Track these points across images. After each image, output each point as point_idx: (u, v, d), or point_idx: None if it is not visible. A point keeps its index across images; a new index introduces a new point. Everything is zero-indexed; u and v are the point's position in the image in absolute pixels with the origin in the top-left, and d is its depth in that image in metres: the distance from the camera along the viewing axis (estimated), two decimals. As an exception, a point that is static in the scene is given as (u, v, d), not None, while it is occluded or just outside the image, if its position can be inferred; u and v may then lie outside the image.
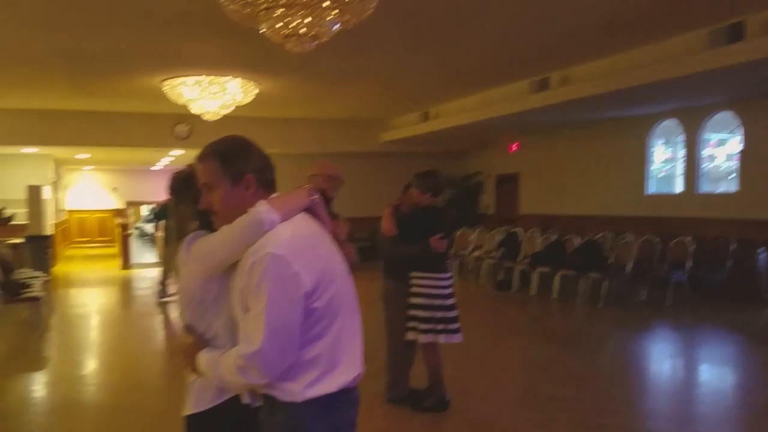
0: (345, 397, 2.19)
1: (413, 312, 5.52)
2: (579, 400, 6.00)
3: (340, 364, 2.16)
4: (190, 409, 2.39)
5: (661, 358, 8.17)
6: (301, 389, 2.12)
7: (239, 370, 2.08)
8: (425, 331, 5.48)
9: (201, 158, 2.29)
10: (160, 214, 12.08)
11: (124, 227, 17.63)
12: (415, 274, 5.54)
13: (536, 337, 8.90)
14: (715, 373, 7.39)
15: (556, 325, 10.16)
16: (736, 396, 6.50)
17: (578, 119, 13.43)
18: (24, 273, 10.35)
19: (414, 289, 5.54)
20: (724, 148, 12.20)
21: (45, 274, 11.58)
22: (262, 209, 2.14)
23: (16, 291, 9.01)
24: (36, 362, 7.83)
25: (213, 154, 2.27)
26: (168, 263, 11.52)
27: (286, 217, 2.16)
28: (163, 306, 11.21)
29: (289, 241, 2.10)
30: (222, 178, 2.23)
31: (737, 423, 5.70)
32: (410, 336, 5.53)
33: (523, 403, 5.96)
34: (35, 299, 9.22)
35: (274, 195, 2.27)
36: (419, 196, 5.59)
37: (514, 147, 16.38)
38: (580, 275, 11.09)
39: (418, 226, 5.50)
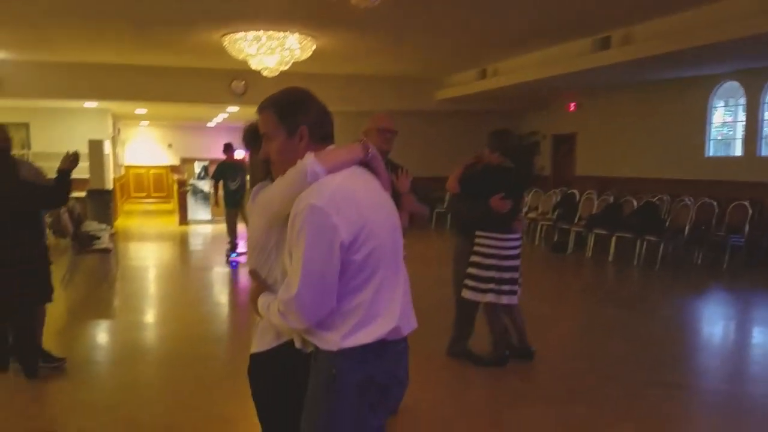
0: (383, 350, 2.21)
1: (470, 270, 5.60)
2: (639, 359, 6.09)
3: (379, 317, 2.19)
4: (254, 348, 2.55)
5: (716, 320, 8.14)
6: (338, 338, 2.17)
7: (281, 314, 2.19)
8: (474, 289, 5.58)
9: (260, 109, 2.36)
10: (217, 174, 11.84)
11: (181, 183, 17.90)
12: (478, 232, 5.60)
13: (594, 299, 8.91)
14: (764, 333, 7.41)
15: (613, 287, 10.16)
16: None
17: (638, 79, 13.21)
18: (91, 226, 10.66)
19: (475, 248, 5.60)
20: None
21: (110, 228, 11.92)
22: (308, 162, 2.19)
23: (86, 243, 9.28)
24: (107, 311, 8.19)
25: (271, 105, 2.33)
26: (230, 225, 11.72)
27: (332, 170, 2.20)
28: (230, 264, 11.43)
29: (331, 194, 2.13)
30: (278, 129, 2.30)
31: None
32: (464, 293, 5.62)
33: (584, 361, 6.05)
34: (106, 251, 9.49)
35: (329, 148, 2.31)
36: (489, 154, 5.59)
37: (573, 107, 16.17)
38: (636, 238, 11.01)
39: (482, 185, 5.50)
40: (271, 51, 11.15)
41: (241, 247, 11.48)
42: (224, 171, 11.73)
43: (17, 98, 14.42)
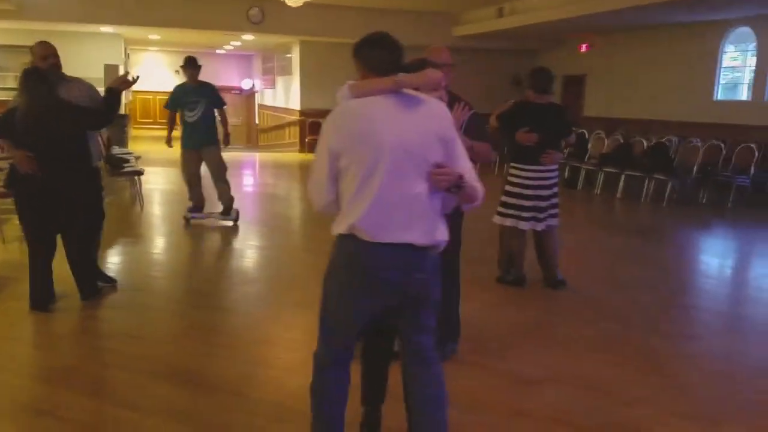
0: (362, 243, 2.68)
1: (501, 197, 6.06)
2: (658, 283, 6.68)
3: (352, 214, 2.66)
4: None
5: (723, 251, 8.74)
6: (333, 226, 2.77)
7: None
8: (499, 214, 6.06)
9: None
10: (172, 101, 8.71)
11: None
12: (510, 163, 6.03)
13: (608, 229, 9.45)
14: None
15: (624, 220, 10.71)
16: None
17: (652, 22, 13.39)
18: (115, 149, 10.92)
19: (508, 177, 6.05)
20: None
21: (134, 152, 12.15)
22: (343, 89, 2.73)
23: (118, 165, 9.58)
24: (147, 229, 8.65)
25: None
26: (187, 171, 8.73)
27: (358, 96, 2.70)
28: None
29: (339, 112, 2.71)
30: (355, 63, 2.84)
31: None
32: (494, 218, 6.07)
33: (607, 284, 6.56)
34: (138, 173, 9.83)
35: (372, 79, 2.75)
36: (527, 91, 5.97)
37: (585, 47, 16.35)
38: (645, 177, 11.46)
39: (513, 120, 5.87)
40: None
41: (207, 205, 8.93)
42: (180, 97, 8.57)
43: (37, 21, 14.51)
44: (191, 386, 4.03)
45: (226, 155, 8.78)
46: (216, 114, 8.58)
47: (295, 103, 19.26)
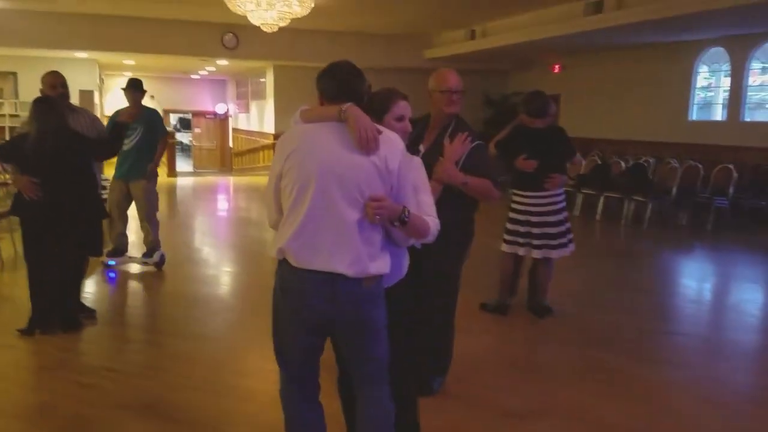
0: (290, 268, 2.71)
1: (506, 225, 5.99)
2: (641, 307, 6.61)
3: (281, 238, 2.71)
4: None
5: (703, 275, 8.67)
6: (269, 247, 2.85)
7: None
8: (505, 241, 5.96)
9: None
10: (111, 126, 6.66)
11: (170, 135, 17.91)
12: (512, 190, 5.96)
13: (589, 252, 9.33)
14: (750, 288, 7.90)
15: (605, 242, 10.59)
16: (762, 306, 7.14)
17: (625, 43, 13.47)
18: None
19: (510, 204, 5.98)
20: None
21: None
22: (295, 113, 2.80)
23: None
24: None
25: None
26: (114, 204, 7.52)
27: (306, 122, 2.75)
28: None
29: (286, 134, 2.79)
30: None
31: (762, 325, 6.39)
32: (503, 247, 5.99)
33: (590, 307, 6.51)
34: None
35: (322, 106, 2.79)
36: (521, 116, 5.87)
37: (557, 68, 16.43)
38: (624, 198, 11.43)
39: (510, 146, 5.80)
40: (271, 6, 11.21)
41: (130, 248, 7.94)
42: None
43: (8, 47, 14.29)
44: (170, 422, 3.90)
45: (200, 179, 8.59)
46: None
47: (269, 127, 19.16)
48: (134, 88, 7.10)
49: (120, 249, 7.67)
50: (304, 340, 2.82)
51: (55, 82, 5.56)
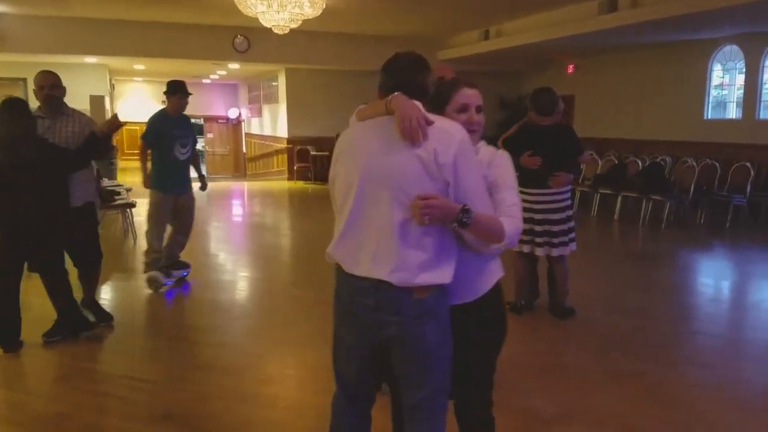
0: (341, 272, 2.56)
1: None
2: (662, 308, 6.55)
3: (333, 242, 2.56)
4: None
5: (725, 274, 8.55)
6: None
7: None
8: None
9: None
10: (153, 131, 6.76)
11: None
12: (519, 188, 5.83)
13: (608, 253, 9.26)
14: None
15: (624, 243, 10.53)
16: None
17: (639, 42, 13.38)
18: (105, 182, 10.72)
19: None
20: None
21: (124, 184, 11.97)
22: (353, 114, 2.65)
23: (109, 198, 9.37)
24: (139, 263, 8.32)
25: None
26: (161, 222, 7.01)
27: (360, 119, 2.59)
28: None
29: (339, 139, 2.63)
30: None
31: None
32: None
33: (612, 310, 6.43)
34: (130, 205, 9.66)
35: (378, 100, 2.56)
36: (530, 113, 5.82)
37: (571, 69, 16.33)
38: (642, 197, 11.33)
39: (518, 143, 5.72)
40: (282, 7, 11.18)
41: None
42: (166, 127, 6.72)
43: (18, 53, 14.32)
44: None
45: (216, 184, 8.55)
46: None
47: (282, 131, 19.11)
48: (182, 92, 6.64)
49: (179, 261, 7.19)
50: (355, 349, 2.61)
51: (43, 84, 5.22)
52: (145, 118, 7.02)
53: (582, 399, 4.33)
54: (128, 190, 10.82)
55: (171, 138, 6.64)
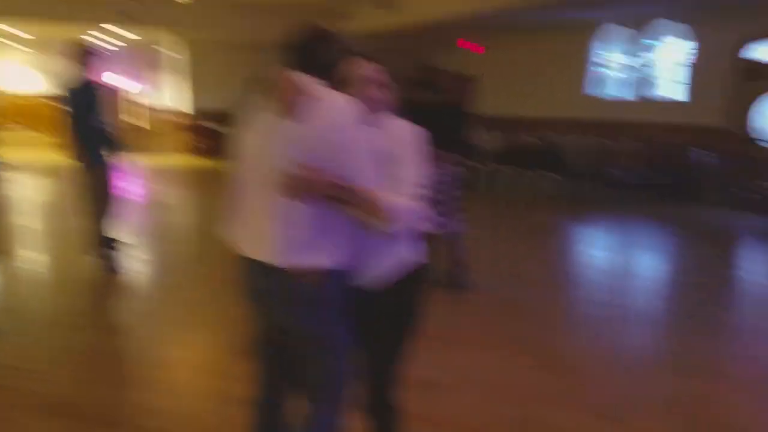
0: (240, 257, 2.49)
1: None
2: (554, 278, 6.97)
3: (227, 220, 2.54)
4: None
5: (614, 245, 9.08)
6: None
7: None
8: None
9: None
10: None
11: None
12: None
13: (505, 229, 9.44)
14: (650, 256, 8.44)
15: (519, 219, 10.65)
16: (665, 274, 7.69)
17: (541, 21, 13.48)
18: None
19: None
20: (668, 56, 12.56)
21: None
22: None
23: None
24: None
25: None
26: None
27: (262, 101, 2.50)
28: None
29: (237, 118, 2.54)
30: None
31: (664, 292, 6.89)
32: None
33: (505, 279, 6.68)
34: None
35: None
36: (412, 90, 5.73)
37: (477, 49, 16.35)
38: (538, 175, 11.75)
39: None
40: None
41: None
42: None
43: None
44: (85, 420, 3.65)
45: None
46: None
47: (184, 105, 18.55)
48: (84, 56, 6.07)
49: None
50: (261, 333, 2.64)
51: None
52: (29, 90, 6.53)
53: (472, 364, 4.47)
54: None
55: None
